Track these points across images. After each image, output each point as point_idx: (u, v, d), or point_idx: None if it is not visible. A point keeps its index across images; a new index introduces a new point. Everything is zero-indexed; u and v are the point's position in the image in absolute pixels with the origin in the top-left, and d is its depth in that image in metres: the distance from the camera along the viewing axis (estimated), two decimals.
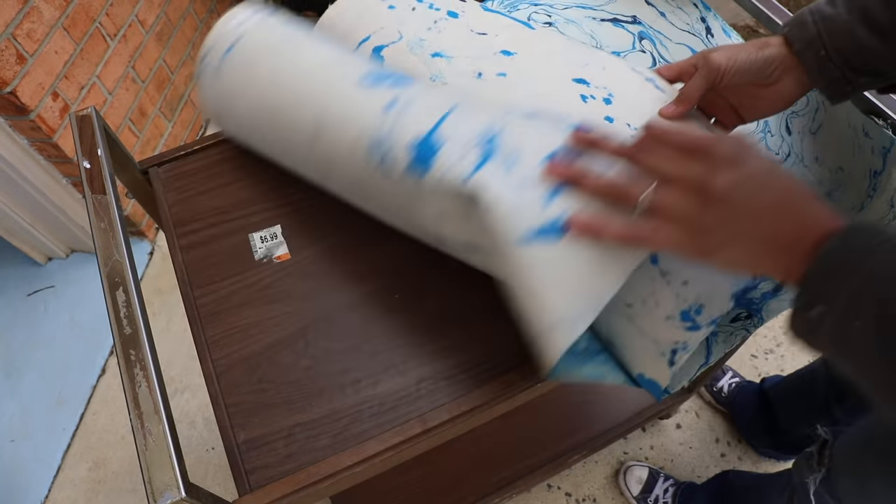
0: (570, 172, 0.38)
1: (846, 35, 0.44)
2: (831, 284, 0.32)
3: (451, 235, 0.45)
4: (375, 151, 0.43)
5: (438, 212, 0.42)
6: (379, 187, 0.46)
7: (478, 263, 0.48)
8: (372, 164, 0.44)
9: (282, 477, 0.46)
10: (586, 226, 0.37)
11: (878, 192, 0.51)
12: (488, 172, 0.37)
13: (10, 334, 1.41)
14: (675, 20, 0.65)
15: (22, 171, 1.23)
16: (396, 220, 0.51)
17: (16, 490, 1.21)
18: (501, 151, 0.38)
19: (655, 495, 1.06)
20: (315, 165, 0.53)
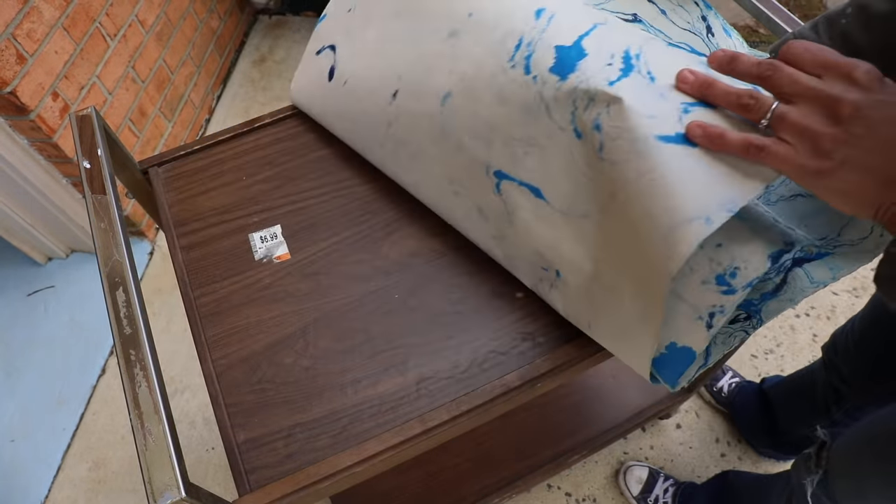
0: (701, 79, 0.37)
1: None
2: None
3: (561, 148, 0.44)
4: (519, 49, 0.44)
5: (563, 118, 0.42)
6: (505, 86, 0.45)
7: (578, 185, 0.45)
8: (511, 61, 0.45)
9: (282, 477, 0.46)
10: (705, 132, 0.36)
11: None
12: (631, 81, 0.39)
13: (10, 334, 1.41)
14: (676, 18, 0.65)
15: (22, 171, 1.23)
16: (488, 133, 0.47)
17: (16, 490, 1.21)
18: (641, 68, 0.39)
19: (655, 495, 1.06)
20: (442, 59, 0.50)
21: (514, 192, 0.48)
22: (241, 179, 0.64)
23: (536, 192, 0.47)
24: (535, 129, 0.45)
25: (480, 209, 0.51)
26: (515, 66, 0.45)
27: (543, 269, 0.51)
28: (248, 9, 2.00)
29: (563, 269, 0.49)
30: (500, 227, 0.51)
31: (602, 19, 0.44)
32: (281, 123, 0.68)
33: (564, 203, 0.46)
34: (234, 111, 1.79)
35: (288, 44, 1.95)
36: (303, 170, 0.64)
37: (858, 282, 1.30)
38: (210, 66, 1.77)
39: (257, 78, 1.87)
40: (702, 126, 0.36)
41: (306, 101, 0.66)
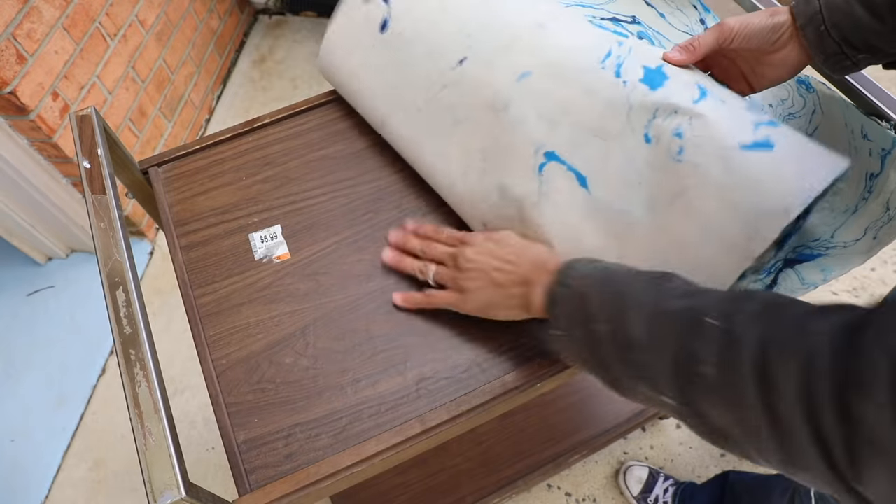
0: (394, 259, 0.56)
1: (845, 13, 0.46)
2: (556, 312, 0.44)
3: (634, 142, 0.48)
4: (609, 58, 0.49)
5: (639, 123, 0.47)
6: (594, 82, 0.49)
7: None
8: (602, 63, 0.49)
9: (282, 477, 0.46)
10: (403, 298, 0.54)
11: (873, 195, 0.51)
12: (708, 102, 0.46)
13: (10, 334, 1.41)
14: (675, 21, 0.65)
15: (22, 171, 1.23)
16: (570, 107, 0.50)
17: (16, 490, 1.21)
18: (713, 94, 0.47)
19: (655, 495, 1.06)
20: (524, 42, 0.52)
21: (558, 176, 0.49)
22: (241, 179, 0.64)
23: (582, 180, 0.48)
24: (611, 124, 0.48)
25: (503, 188, 0.52)
26: (606, 68, 0.49)
27: None
28: (248, 9, 2.00)
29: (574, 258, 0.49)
30: (522, 209, 0.51)
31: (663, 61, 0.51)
32: (281, 123, 0.68)
33: (607, 197, 0.47)
34: (234, 111, 1.79)
35: (288, 44, 1.95)
36: (303, 170, 0.64)
37: (858, 282, 1.30)
38: (210, 66, 1.77)
39: (257, 78, 1.87)
40: (401, 296, 0.55)
41: (344, 52, 0.64)
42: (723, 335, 0.33)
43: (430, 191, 0.62)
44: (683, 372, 0.35)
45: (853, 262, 0.50)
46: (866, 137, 0.53)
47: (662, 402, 0.37)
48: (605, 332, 0.40)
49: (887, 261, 1.33)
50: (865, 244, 0.50)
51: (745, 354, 0.32)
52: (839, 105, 0.55)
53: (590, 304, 0.41)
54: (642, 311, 0.38)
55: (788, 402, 0.29)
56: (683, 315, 0.36)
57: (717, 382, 0.33)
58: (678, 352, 0.35)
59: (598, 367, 0.42)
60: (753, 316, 0.33)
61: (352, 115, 0.68)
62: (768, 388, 0.30)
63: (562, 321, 0.43)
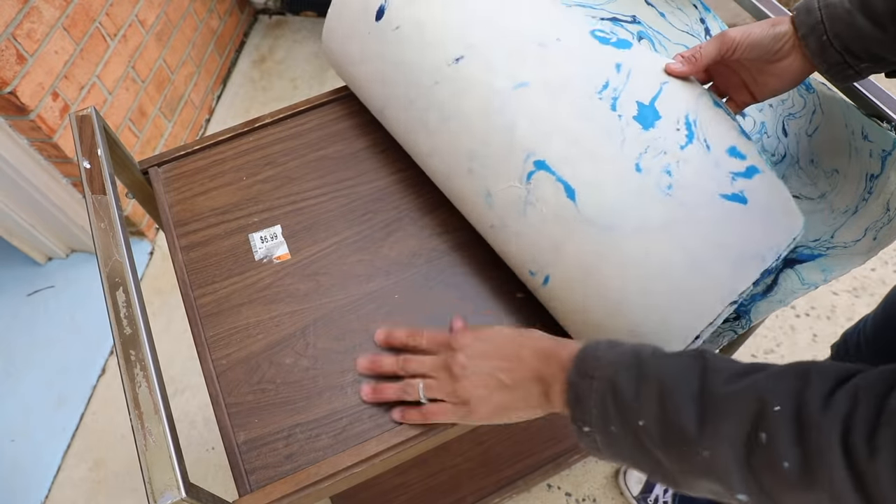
0: (374, 393, 0.50)
1: (846, 23, 0.46)
2: (583, 406, 0.39)
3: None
4: (606, 90, 0.50)
5: (632, 154, 0.48)
6: (590, 109, 0.50)
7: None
8: (599, 94, 0.50)
9: (282, 477, 0.46)
10: (402, 416, 0.48)
11: (873, 196, 0.51)
12: (695, 148, 0.48)
13: (10, 334, 1.41)
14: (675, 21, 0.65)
15: (22, 171, 1.23)
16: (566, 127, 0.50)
17: (16, 490, 1.21)
18: (700, 135, 0.49)
19: (655, 495, 1.06)
20: (525, 57, 0.52)
21: (547, 185, 0.48)
22: (241, 179, 0.64)
23: (571, 192, 0.48)
24: (605, 149, 0.48)
25: (489, 194, 0.51)
26: (603, 99, 0.49)
27: (531, 273, 0.51)
28: (248, 9, 2.00)
29: (557, 271, 0.49)
30: (504, 216, 0.51)
31: (665, 78, 0.51)
32: (281, 123, 0.68)
33: (594, 213, 0.47)
34: (234, 111, 1.79)
35: (288, 44, 1.95)
36: (303, 170, 0.64)
37: (858, 282, 1.30)
38: (210, 66, 1.77)
39: (257, 78, 1.87)
40: (399, 413, 0.49)
41: (343, 38, 0.63)
42: (795, 424, 0.30)
43: (430, 191, 0.62)
44: (755, 466, 0.32)
45: (853, 262, 0.50)
46: (867, 138, 0.53)
47: (733, 498, 0.34)
48: (648, 425, 0.35)
49: (888, 261, 1.33)
50: (865, 245, 0.50)
51: (828, 448, 0.29)
52: (840, 106, 0.55)
53: (624, 394, 0.37)
54: (690, 397, 0.34)
55: (888, 494, 0.27)
56: (742, 400, 0.33)
57: (799, 479, 0.30)
58: (745, 444, 0.32)
59: (644, 463, 0.37)
60: (824, 398, 0.30)
61: (352, 116, 0.68)
62: (862, 483, 0.28)
63: (592, 418, 0.38)
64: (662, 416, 0.35)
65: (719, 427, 0.33)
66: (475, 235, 0.58)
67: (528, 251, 0.50)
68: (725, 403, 0.33)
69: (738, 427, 0.32)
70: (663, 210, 0.46)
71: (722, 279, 0.45)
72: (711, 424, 0.33)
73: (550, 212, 0.48)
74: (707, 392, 0.34)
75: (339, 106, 0.69)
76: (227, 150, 0.66)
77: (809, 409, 0.30)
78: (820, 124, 0.58)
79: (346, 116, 0.68)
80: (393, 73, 0.57)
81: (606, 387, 0.38)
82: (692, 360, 0.37)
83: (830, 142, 0.57)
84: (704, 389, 0.34)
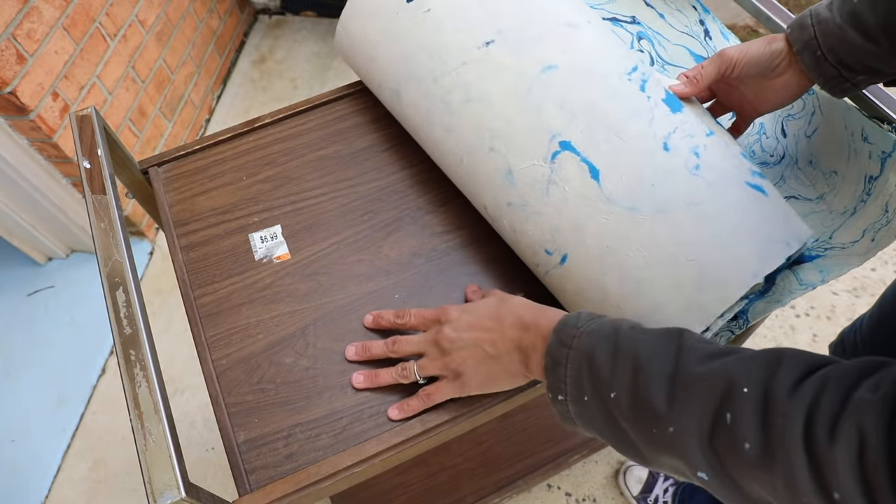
0: (369, 380, 0.50)
1: (838, 38, 0.47)
2: (559, 374, 0.40)
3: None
4: (636, 72, 0.51)
5: (660, 133, 0.49)
6: (619, 89, 0.50)
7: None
8: (629, 75, 0.51)
9: (282, 477, 0.46)
10: (400, 411, 0.49)
11: (872, 197, 0.51)
12: (716, 140, 0.49)
13: (10, 334, 1.41)
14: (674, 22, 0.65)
15: (22, 171, 1.23)
16: (590, 113, 0.51)
17: (16, 490, 1.21)
18: (715, 132, 0.50)
19: (655, 495, 1.06)
20: (553, 37, 0.53)
21: (571, 166, 0.49)
22: (241, 179, 0.64)
23: (595, 173, 0.48)
24: (633, 126, 0.49)
25: (510, 171, 0.52)
26: (632, 80, 0.50)
27: (547, 253, 0.51)
28: (248, 9, 2.00)
29: (576, 251, 0.49)
30: (525, 194, 0.51)
31: None
32: (281, 123, 0.68)
33: (617, 193, 0.48)
34: (234, 111, 1.80)
35: (288, 44, 1.95)
36: (303, 170, 0.64)
37: (858, 282, 1.30)
38: (210, 66, 1.77)
39: (257, 78, 1.87)
40: (397, 410, 0.49)
41: (367, 17, 0.63)
42: (760, 407, 0.31)
43: (431, 191, 0.62)
44: (718, 446, 0.32)
45: (851, 263, 0.50)
46: (866, 140, 0.53)
47: (694, 476, 0.34)
48: (619, 398, 0.36)
49: (888, 261, 1.33)
50: (863, 246, 0.50)
51: (790, 432, 0.29)
52: (839, 107, 0.55)
53: (599, 366, 0.38)
54: (662, 375, 0.35)
55: (844, 483, 0.27)
56: (711, 380, 0.33)
57: (759, 460, 0.30)
58: (709, 423, 0.32)
59: (613, 436, 0.38)
60: (791, 384, 0.31)
61: (352, 115, 0.68)
62: (820, 470, 0.28)
63: (567, 385, 0.39)
64: (634, 390, 0.36)
65: (687, 405, 0.34)
66: (476, 235, 0.58)
67: (547, 230, 0.50)
68: (695, 382, 0.34)
69: (705, 406, 0.33)
70: (691, 189, 0.47)
71: (749, 258, 0.45)
72: (680, 402, 0.34)
73: (574, 191, 0.49)
74: (679, 370, 0.35)
75: (339, 106, 0.69)
76: (227, 150, 0.66)
77: (776, 394, 0.31)
78: (819, 126, 0.58)
79: (346, 116, 0.68)
80: (417, 53, 0.58)
81: (583, 358, 0.39)
82: (669, 337, 0.37)
83: (829, 143, 0.57)
84: (677, 367, 0.35)
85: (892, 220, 0.49)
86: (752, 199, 0.47)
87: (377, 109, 0.67)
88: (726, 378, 0.33)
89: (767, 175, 0.59)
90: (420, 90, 0.58)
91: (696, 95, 0.53)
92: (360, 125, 0.67)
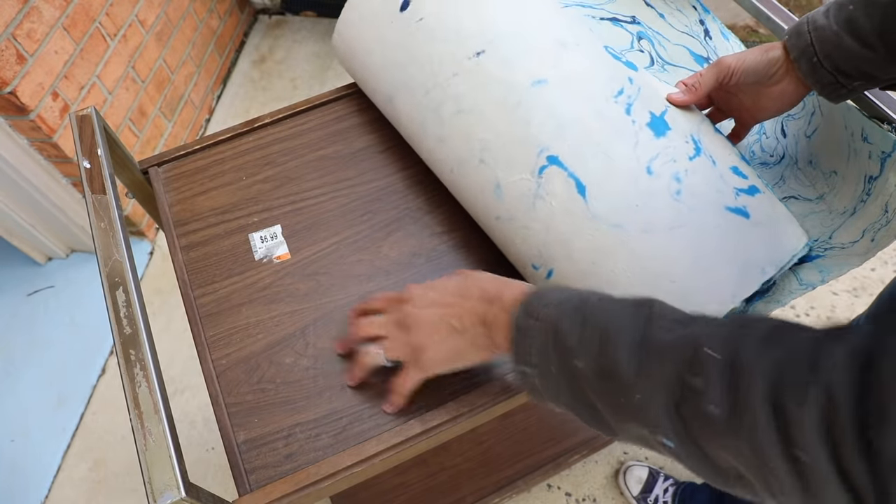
0: (351, 374, 0.50)
1: (834, 44, 0.47)
2: (525, 347, 0.39)
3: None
4: (621, 95, 0.52)
5: (644, 156, 0.50)
6: (605, 110, 0.51)
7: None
8: (615, 98, 0.52)
9: (282, 476, 0.46)
10: (392, 406, 0.49)
11: (871, 197, 0.51)
12: (702, 161, 0.50)
13: (10, 334, 1.41)
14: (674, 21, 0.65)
15: (22, 171, 1.23)
16: (571, 128, 0.51)
17: (16, 490, 1.21)
18: (706, 151, 0.51)
19: (655, 495, 1.06)
20: (544, 53, 0.53)
21: (558, 180, 0.49)
22: (241, 179, 0.64)
23: (581, 189, 0.49)
24: (618, 148, 0.49)
25: (499, 185, 0.52)
26: (618, 103, 0.51)
27: (534, 268, 0.51)
28: (248, 9, 2.00)
29: (561, 266, 0.49)
30: (512, 208, 0.51)
31: (667, 105, 0.54)
32: (281, 123, 0.68)
33: (603, 211, 0.48)
34: (234, 111, 1.80)
35: (288, 44, 1.95)
36: (303, 170, 0.64)
37: (858, 282, 1.30)
38: (210, 66, 1.77)
39: (257, 78, 1.87)
40: (391, 406, 0.49)
41: (362, 25, 0.63)
42: (727, 370, 0.30)
43: (431, 191, 0.62)
44: (684, 412, 0.32)
45: (851, 263, 0.50)
46: (866, 140, 0.53)
47: (659, 444, 0.34)
48: (586, 368, 0.36)
49: (888, 261, 1.33)
50: (863, 246, 0.50)
51: (757, 394, 0.29)
52: (839, 107, 0.55)
53: (566, 336, 0.37)
54: (630, 343, 0.34)
55: (810, 443, 0.27)
56: (678, 346, 0.33)
57: (726, 424, 0.30)
58: (676, 389, 0.32)
59: (580, 408, 0.38)
60: (758, 347, 0.31)
61: (352, 115, 0.68)
62: (787, 431, 0.28)
63: (533, 357, 0.39)
64: (601, 358, 0.35)
65: (654, 371, 0.33)
66: (475, 235, 0.58)
67: (534, 245, 0.50)
68: (663, 349, 0.33)
69: (672, 372, 0.32)
70: (672, 213, 0.47)
71: (726, 283, 0.47)
72: (647, 369, 0.33)
73: (560, 206, 0.49)
74: (648, 338, 0.34)
75: (339, 106, 0.69)
76: (227, 150, 0.66)
77: (743, 357, 0.31)
78: (819, 126, 0.58)
79: (345, 116, 0.68)
80: (410, 62, 0.58)
81: (550, 328, 0.38)
82: (638, 307, 0.37)
83: (829, 143, 0.57)
84: (645, 336, 0.34)
85: (892, 220, 0.49)
86: (732, 225, 0.48)
87: (377, 110, 0.67)
88: (694, 344, 0.32)
89: (767, 175, 0.59)
90: (413, 100, 0.58)
91: (695, 103, 0.53)
92: (359, 125, 0.67)
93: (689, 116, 0.53)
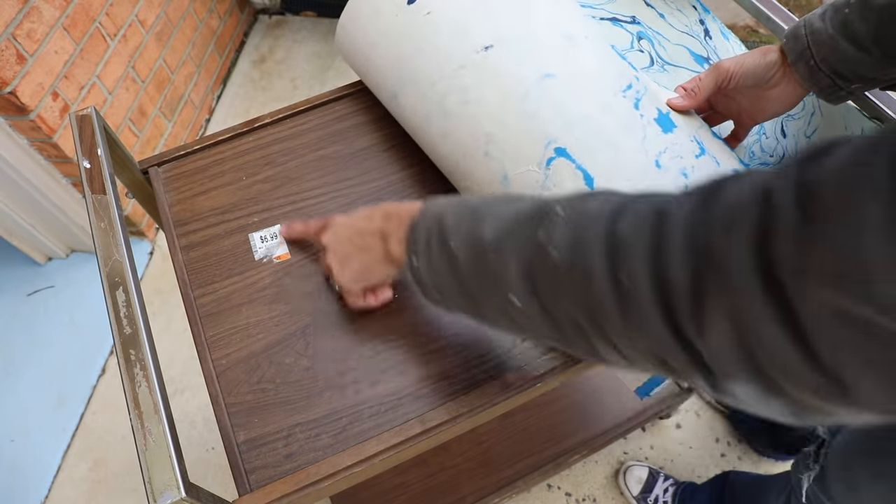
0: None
1: (831, 48, 0.48)
2: (414, 237, 0.43)
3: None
4: (630, 90, 0.52)
5: (652, 151, 0.50)
6: (614, 105, 0.51)
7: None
8: (623, 93, 0.52)
9: (282, 476, 0.46)
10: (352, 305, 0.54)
11: None
12: (707, 160, 0.51)
13: (10, 334, 1.41)
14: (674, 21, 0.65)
15: (22, 171, 1.23)
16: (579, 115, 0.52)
17: (16, 490, 1.21)
18: (709, 151, 0.52)
19: (655, 495, 1.06)
20: (552, 49, 0.54)
21: (566, 172, 0.50)
22: (241, 179, 0.64)
23: (590, 181, 0.49)
24: (626, 142, 0.50)
25: (506, 177, 0.52)
26: (627, 98, 0.51)
27: None
28: (248, 9, 2.00)
29: None
30: None
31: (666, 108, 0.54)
32: (281, 123, 0.68)
33: None
34: (234, 111, 1.79)
35: (288, 44, 1.95)
36: (303, 170, 0.64)
37: None
38: (210, 66, 1.77)
39: (257, 78, 1.87)
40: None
41: (366, 18, 0.63)
42: (574, 216, 0.34)
43: (431, 191, 0.62)
44: (533, 268, 0.35)
45: None
46: None
47: (511, 308, 0.36)
48: (459, 245, 0.39)
49: None
50: None
51: (594, 228, 0.32)
52: (839, 108, 0.55)
53: (446, 218, 0.40)
54: (496, 216, 0.38)
55: (638, 262, 0.29)
56: (532, 210, 0.36)
57: (564, 263, 0.33)
58: (528, 246, 0.35)
59: (456, 291, 0.40)
60: (602, 200, 0.34)
61: (352, 115, 0.68)
62: (617, 254, 0.31)
63: (419, 246, 0.42)
64: (469, 236, 0.38)
65: (510, 234, 0.36)
66: None
67: None
68: (520, 216, 0.37)
69: (526, 231, 0.35)
70: None
71: None
72: (505, 232, 0.37)
73: None
74: (512, 210, 0.38)
75: (340, 106, 0.69)
76: (226, 150, 0.66)
77: (578, 201, 0.34)
78: (819, 126, 0.58)
79: (345, 116, 0.68)
80: (416, 55, 0.58)
81: (436, 217, 0.41)
82: (515, 196, 0.40)
83: None
84: (511, 210, 0.38)
85: None
86: None
87: (377, 109, 0.67)
88: (546, 205, 0.36)
89: None
90: (418, 93, 0.58)
91: (695, 108, 0.54)
92: (360, 125, 0.67)
93: (690, 120, 0.54)
